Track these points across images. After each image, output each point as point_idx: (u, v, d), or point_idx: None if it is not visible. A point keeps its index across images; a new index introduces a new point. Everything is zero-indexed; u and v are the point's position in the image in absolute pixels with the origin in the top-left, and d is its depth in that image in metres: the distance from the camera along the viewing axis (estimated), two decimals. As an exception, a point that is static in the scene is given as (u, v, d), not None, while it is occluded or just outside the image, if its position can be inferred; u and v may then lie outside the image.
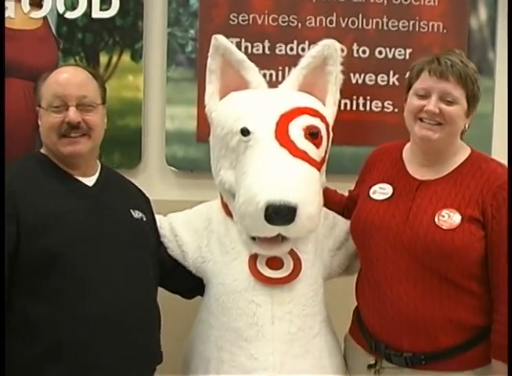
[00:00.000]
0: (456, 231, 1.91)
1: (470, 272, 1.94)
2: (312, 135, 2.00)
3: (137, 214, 2.04)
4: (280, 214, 1.81)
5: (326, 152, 2.10)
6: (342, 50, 2.21)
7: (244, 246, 2.04)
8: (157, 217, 2.23)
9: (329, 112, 2.16)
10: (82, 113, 1.94)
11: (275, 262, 2.02)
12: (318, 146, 2.02)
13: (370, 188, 2.12)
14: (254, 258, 2.04)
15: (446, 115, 1.94)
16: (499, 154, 2.42)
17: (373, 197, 2.09)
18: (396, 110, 2.76)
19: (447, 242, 1.90)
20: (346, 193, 2.39)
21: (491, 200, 1.93)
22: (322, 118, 2.08)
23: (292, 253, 2.04)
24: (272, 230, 1.88)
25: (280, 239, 1.93)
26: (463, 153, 2.05)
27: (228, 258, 2.09)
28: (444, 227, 1.92)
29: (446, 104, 1.93)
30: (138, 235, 2.01)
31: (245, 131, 1.96)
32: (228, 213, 2.11)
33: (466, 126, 2.02)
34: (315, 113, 2.06)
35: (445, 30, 2.78)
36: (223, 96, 2.13)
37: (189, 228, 2.20)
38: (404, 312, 1.96)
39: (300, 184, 1.87)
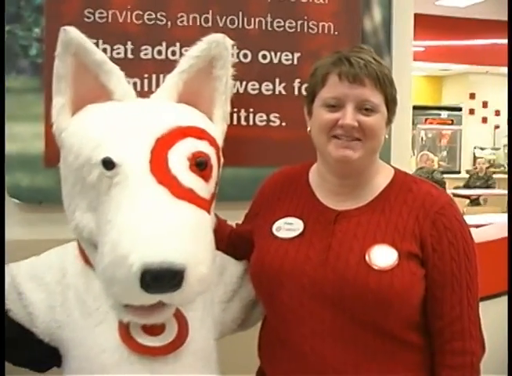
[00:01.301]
0: (393, 272, 1.55)
1: (411, 321, 1.60)
2: (200, 165, 1.54)
3: None
4: (162, 281, 1.35)
5: (216, 184, 1.66)
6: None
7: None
8: (-6, 268, 1.69)
9: (219, 131, 1.73)
10: None
11: (153, 326, 1.54)
12: (207, 178, 1.57)
13: (273, 224, 1.71)
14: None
15: (367, 129, 1.58)
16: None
17: (278, 234, 1.68)
18: (284, 123, 2.40)
19: (384, 286, 1.53)
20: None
21: (430, 230, 1.59)
22: (211, 141, 1.63)
23: (175, 312, 1.57)
24: (151, 299, 1.41)
25: (161, 303, 1.45)
26: (385, 173, 1.70)
27: (91, 322, 1.60)
28: (378, 267, 1.54)
29: (365, 115, 1.58)
30: None
31: (108, 164, 1.47)
32: (89, 262, 1.63)
33: (386, 136, 1.67)
34: (201, 134, 1.61)
35: (336, 32, 2.44)
36: (77, 110, 1.63)
37: (38, 282, 1.68)
38: None
39: (187, 237, 1.41)
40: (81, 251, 1.67)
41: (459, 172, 13.19)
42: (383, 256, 1.56)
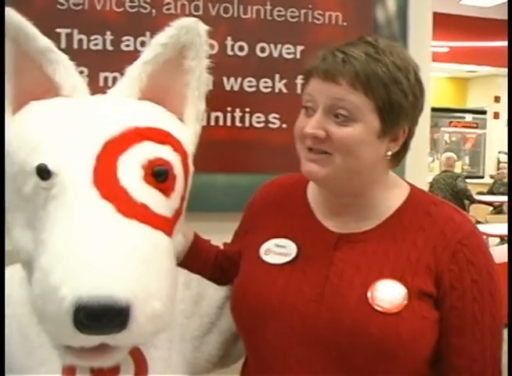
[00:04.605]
0: (401, 315, 1.26)
1: (418, 373, 1.30)
2: (159, 174, 1.28)
3: None
4: (100, 320, 1.07)
5: (182, 199, 1.38)
6: (210, 34, 1.51)
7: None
8: None
9: (189, 133, 1.46)
10: None
11: (104, 369, 1.26)
12: (168, 192, 1.30)
13: (261, 245, 1.43)
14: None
15: (336, 142, 1.27)
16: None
17: (266, 259, 1.40)
18: (284, 125, 2.14)
19: (389, 333, 1.25)
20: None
21: (449, 264, 1.30)
22: (176, 145, 1.36)
23: (133, 350, 1.30)
24: (90, 340, 1.13)
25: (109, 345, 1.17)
26: (398, 190, 1.41)
27: (33, 362, 1.34)
28: (382, 309, 1.26)
29: (338, 123, 1.27)
30: None
31: (44, 172, 1.21)
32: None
33: (388, 154, 1.35)
34: (163, 137, 1.34)
35: (345, 23, 2.18)
36: (19, 108, 1.38)
37: None
38: None
39: (135, 265, 1.13)
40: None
41: (482, 177, 12.87)
42: (389, 294, 1.28)
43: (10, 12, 1.32)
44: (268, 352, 1.34)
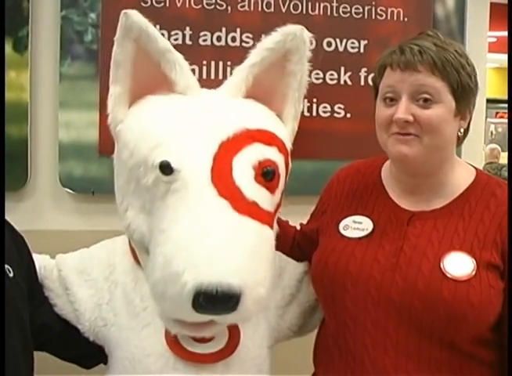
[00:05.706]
0: (470, 283, 1.39)
1: (483, 337, 1.44)
2: (267, 174, 1.39)
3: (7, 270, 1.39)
4: (216, 303, 1.23)
5: (282, 193, 1.51)
6: (311, 42, 1.61)
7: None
8: (41, 260, 1.61)
9: (288, 131, 1.58)
10: None
11: None
12: (273, 190, 1.42)
13: (340, 222, 1.58)
14: None
15: (423, 123, 1.42)
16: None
17: (345, 233, 1.55)
18: (348, 115, 2.30)
19: (460, 298, 1.38)
20: (290, 223, 1.83)
21: None
22: (281, 146, 1.48)
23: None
24: (203, 318, 1.30)
25: (213, 320, 1.34)
26: (465, 173, 1.55)
27: (138, 323, 1.50)
28: (453, 277, 1.39)
29: (422, 106, 1.42)
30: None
31: (166, 168, 1.33)
32: (138, 260, 1.53)
33: (461, 131, 1.51)
34: (270, 139, 1.45)
35: (406, 19, 2.33)
36: (135, 101, 1.50)
37: (85, 278, 1.59)
38: None
39: (247, 257, 1.27)
40: (131, 248, 1.57)
41: (529, 167, 12.74)
42: (459, 265, 1.41)
43: (134, 16, 1.42)
44: (346, 315, 1.49)
